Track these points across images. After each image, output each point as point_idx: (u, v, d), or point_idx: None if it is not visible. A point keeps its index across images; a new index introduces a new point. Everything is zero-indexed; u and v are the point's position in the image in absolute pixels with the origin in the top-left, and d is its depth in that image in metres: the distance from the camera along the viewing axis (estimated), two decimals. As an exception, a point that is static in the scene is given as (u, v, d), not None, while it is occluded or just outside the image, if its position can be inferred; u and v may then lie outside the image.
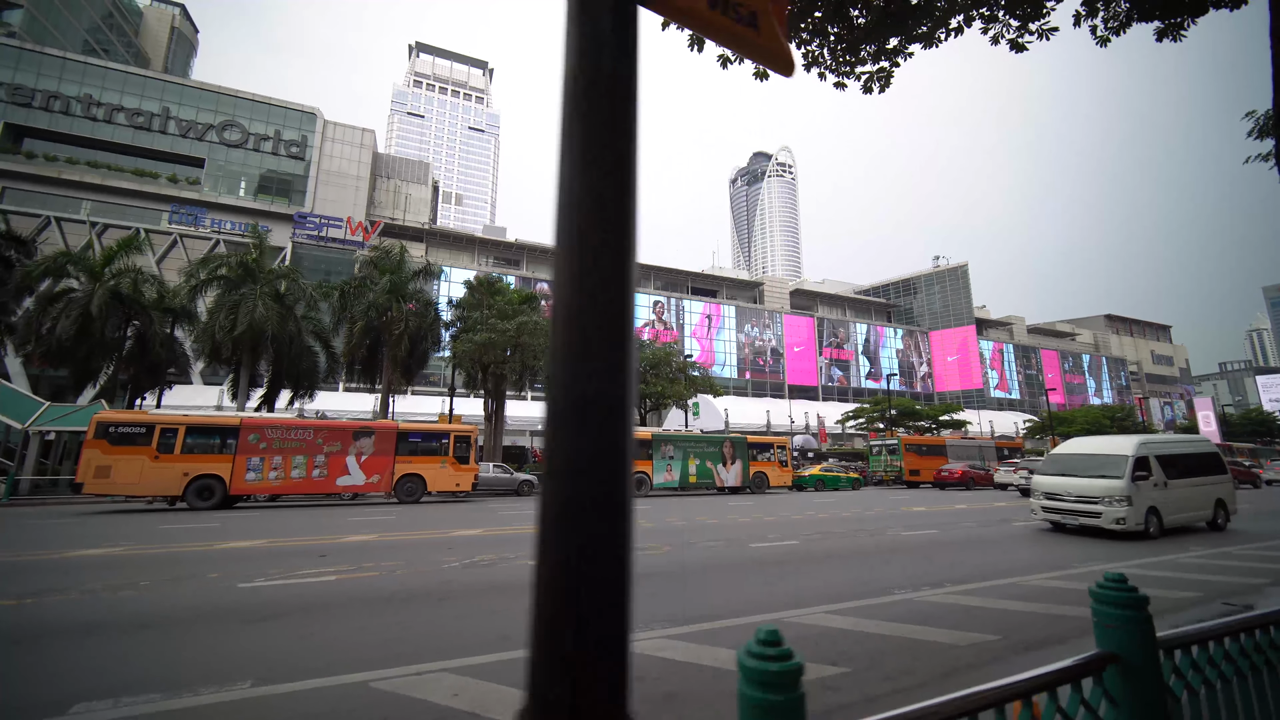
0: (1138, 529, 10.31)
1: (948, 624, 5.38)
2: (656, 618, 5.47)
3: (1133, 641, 1.79)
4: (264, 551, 8.71)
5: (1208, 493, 11.90)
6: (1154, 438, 11.86)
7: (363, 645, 4.64)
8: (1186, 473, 11.60)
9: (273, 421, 17.11)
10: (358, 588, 6.44)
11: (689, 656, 4.46)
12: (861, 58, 7.39)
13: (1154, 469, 10.87)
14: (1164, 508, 10.78)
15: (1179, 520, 11.18)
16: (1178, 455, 11.81)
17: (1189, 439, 13.27)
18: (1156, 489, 10.81)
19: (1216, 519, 11.91)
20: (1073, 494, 11.06)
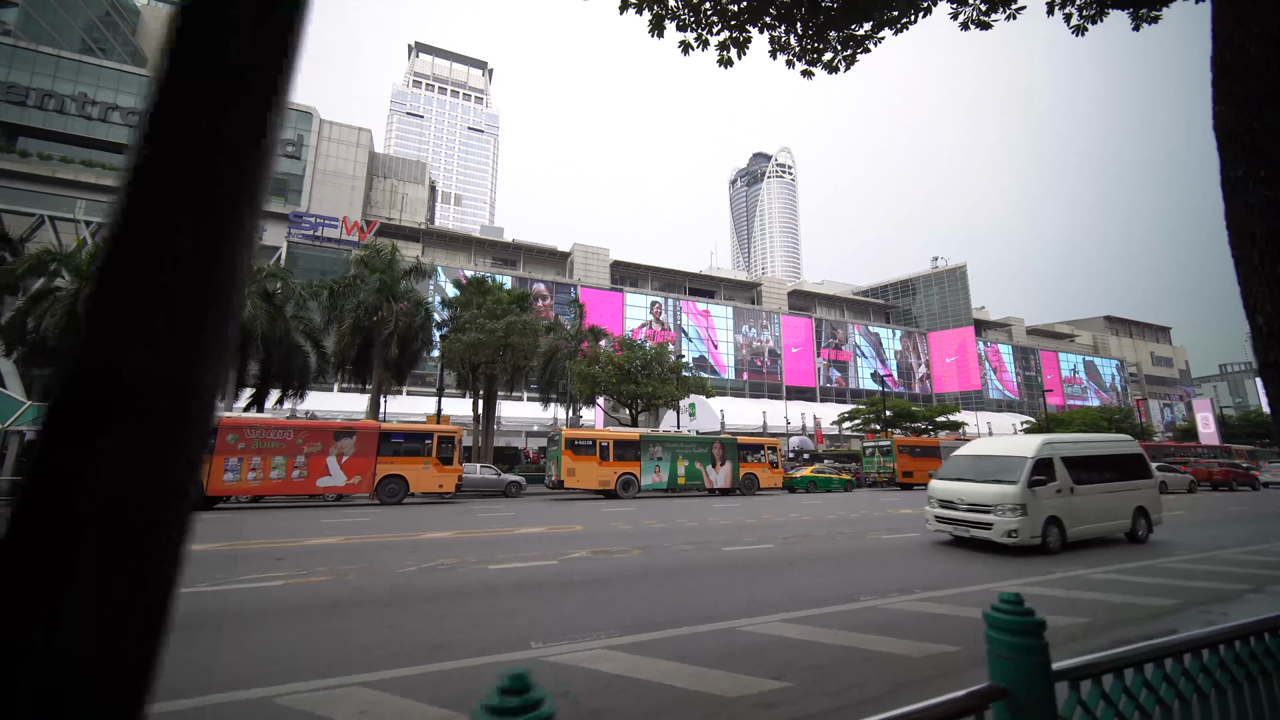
0: (1033, 542, 9.01)
1: (911, 633, 5.15)
2: (604, 625, 5.26)
3: (1022, 674, 1.57)
4: (220, 555, 8.49)
5: (1126, 500, 10.53)
6: (1062, 437, 10.61)
7: (285, 656, 4.42)
8: (1101, 477, 10.38)
9: (252, 421, 16.90)
10: (302, 594, 6.23)
11: (625, 669, 4.23)
12: (831, 44, 7.18)
13: (1058, 473, 9.60)
14: (1069, 517, 9.49)
15: (1088, 532, 9.87)
16: (1090, 457, 10.52)
17: (1106, 438, 11.80)
18: (1060, 496, 9.50)
19: (1136, 530, 10.54)
20: (965, 501, 9.66)
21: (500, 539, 10.38)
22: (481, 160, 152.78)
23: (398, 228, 59.40)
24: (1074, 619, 5.65)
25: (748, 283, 76.49)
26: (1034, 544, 9.03)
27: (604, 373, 26.96)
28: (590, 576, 7.29)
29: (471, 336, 24.96)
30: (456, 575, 7.22)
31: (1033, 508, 9.08)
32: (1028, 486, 9.14)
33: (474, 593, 6.38)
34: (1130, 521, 10.48)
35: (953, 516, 9.86)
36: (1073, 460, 9.98)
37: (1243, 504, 19.73)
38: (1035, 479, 9.26)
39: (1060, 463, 9.71)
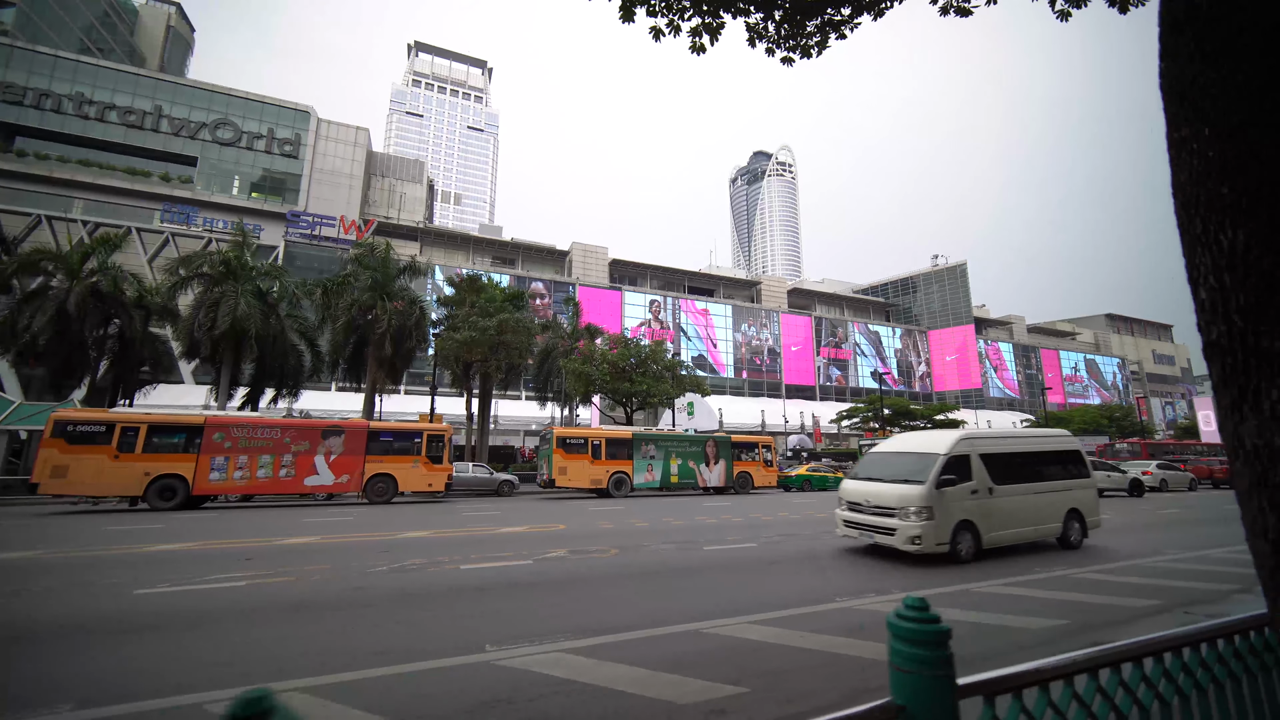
0: (939, 549, 7.94)
1: (881, 636, 4.99)
2: (566, 628, 5.10)
3: (923, 688, 1.40)
4: (189, 555, 8.36)
5: (1056, 502, 9.47)
6: (982, 432, 9.71)
7: (225, 660, 4.27)
8: (1028, 476, 9.33)
9: (239, 420, 16.79)
10: (260, 595, 6.08)
11: (576, 673, 4.08)
12: (809, 31, 7.01)
13: (975, 472, 8.55)
14: (986, 521, 8.45)
15: (1010, 538, 8.78)
16: (1016, 455, 9.45)
17: (1037, 434, 10.81)
18: (975, 498, 8.44)
19: (1068, 535, 9.50)
20: (871, 503, 8.64)
21: (480, 538, 10.23)
22: (481, 160, 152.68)
23: (396, 227, 59.29)
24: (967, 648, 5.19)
25: (747, 281, 76.28)
26: (940, 551, 7.98)
27: (598, 371, 26.81)
28: (562, 577, 7.14)
29: (464, 335, 24.83)
30: (425, 576, 7.07)
31: (940, 511, 8.00)
32: (935, 487, 8.06)
33: (438, 594, 6.23)
34: (1061, 526, 9.45)
35: (859, 520, 8.82)
36: (994, 458, 8.96)
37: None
38: (945, 479, 8.18)
39: (979, 461, 8.67)
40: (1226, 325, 1.43)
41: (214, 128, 51.50)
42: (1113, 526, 12.41)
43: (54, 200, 45.21)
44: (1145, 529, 12.43)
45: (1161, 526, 12.84)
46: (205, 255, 26.99)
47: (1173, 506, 17.59)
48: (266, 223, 49.81)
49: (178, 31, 75.37)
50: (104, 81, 48.86)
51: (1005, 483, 8.88)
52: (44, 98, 46.68)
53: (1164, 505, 17.99)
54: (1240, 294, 1.38)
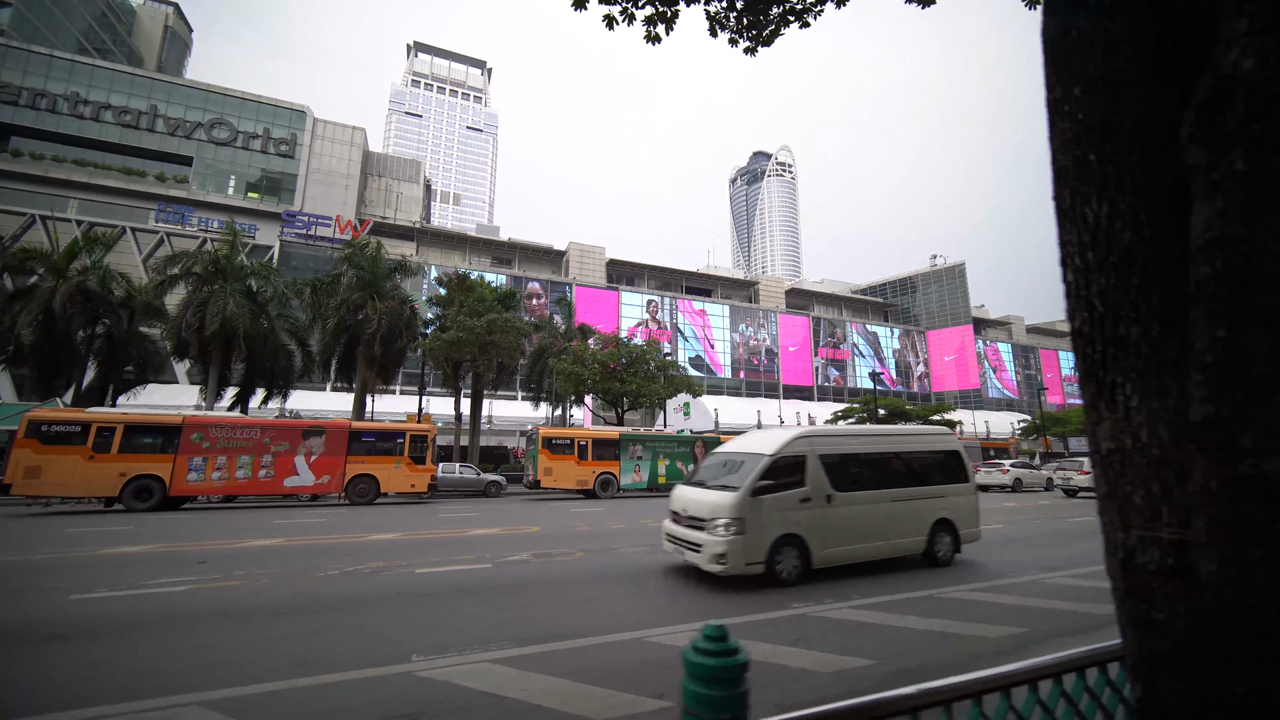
0: (750, 569, 6.63)
1: (833, 646, 4.81)
2: (506, 635, 4.95)
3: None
4: (144, 558, 8.21)
5: (920, 511, 8.06)
6: (828, 429, 8.40)
7: (140, 670, 4.13)
8: (885, 481, 7.96)
9: (217, 420, 16.65)
10: (197, 600, 5.93)
11: (498, 685, 3.92)
12: (770, 17, 6.85)
13: (811, 476, 7.21)
14: (821, 534, 7.10)
15: (853, 554, 7.36)
16: (869, 456, 8.04)
17: (901, 431, 9.37)
18: (807, 507, 7.08)
19: (935, 549, 8.04)
20: (688, 513, 7.28)
21: (447, 541, 10.07)
22: (480, 160, 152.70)
23: (392, 226, 59.21)
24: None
25: (745, 281, 76.11)
26: (752, 572, 6.68)
27: (589, 371, 26.66)
28: (519, 581, 6.98)
29: (452, 334, 24.70)
30: (377, 580, 6.92)
31: (754, 523, 6.69)
32: (751, 495, 6.76)
33: (383, 600, 6.07)
34: (926, 539, 8.01)
35: (676, 533, 7.40)
36: (841, 460, 7.62)
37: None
38: (764, 485, 6.89)
39: (817, 462, 7.33)
40: (1088, 311, 1.26)
41: (209, 127, 51.45)
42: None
43: (49, 200, 45.17)
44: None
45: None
46: (194, 254, 26.87)
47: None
48: (262, 222, 49.78)
49: (175, 32, 75.42)
50: (99, 81, 48.84)
51: (852, 489, 7.54)
52: (39, 97, 46.65)
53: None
54: (1101, 274, 1.21)
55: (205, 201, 48.44)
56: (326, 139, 56.61)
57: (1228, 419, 0.92)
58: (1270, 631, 0.86)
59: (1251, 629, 0.87)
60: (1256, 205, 0.91)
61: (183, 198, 48.26)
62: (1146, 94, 1.14)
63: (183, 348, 25.66)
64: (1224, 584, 0.91)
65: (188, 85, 52.42)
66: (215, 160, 51.38)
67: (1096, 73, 1.21)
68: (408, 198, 65.83)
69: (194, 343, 24.99)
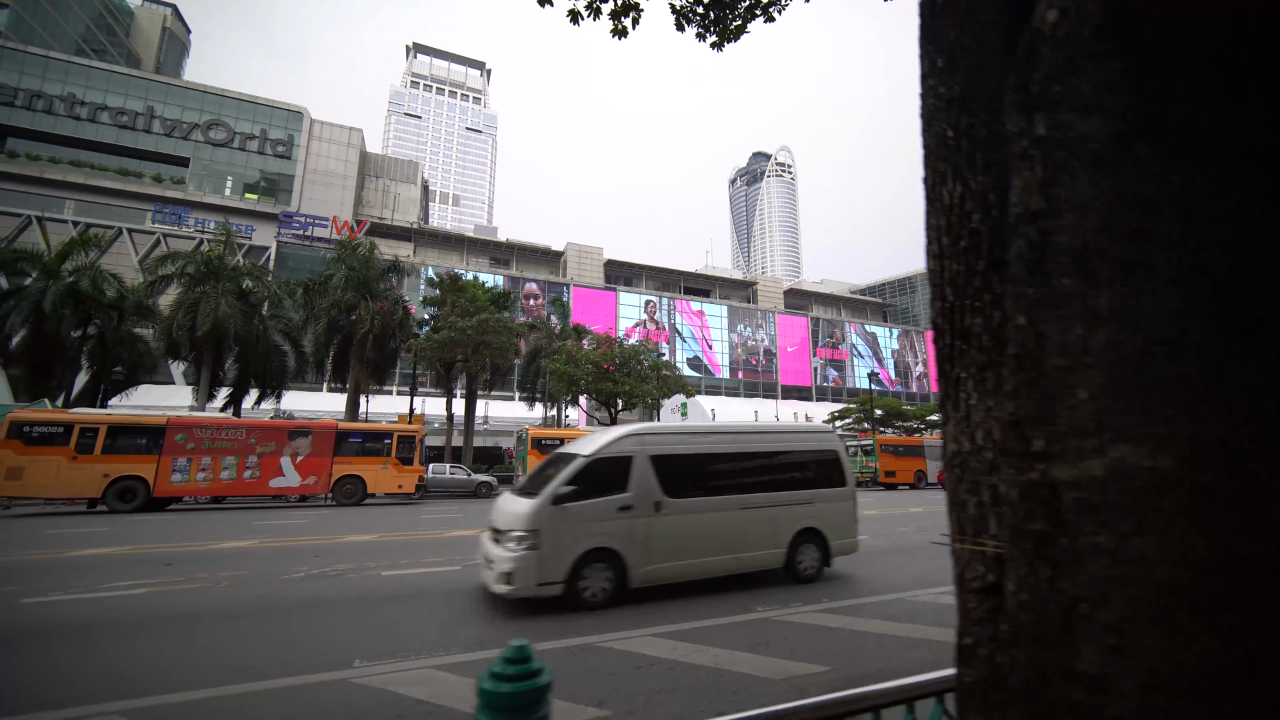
0: (544, 591, 5.63)
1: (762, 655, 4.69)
2: (457, 640, 4.83)
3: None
4: (111, 560, 8.12)
5: (780, 519, 7.05)
6: (668, 425, 7.55)
7: (69, 678, 4.02)
8: (736, 486, 6.96)
9: (202, 421, 16.57)
10: (151, 604, 5.84)
11: (436, 694, 3.81)
12: (736, 12, 6.77)
13: (637, 480, 6.24)
14: (641, 549, 6.10)
15: (686, 570, 6.37)
16: (718, 457, 7.08)
17: (760, 429, 8.55)
18: (627, 516, 6.10)
19: (796, 562, 7.05)
20: (496, 525, 6.26)
21: (423, 542, 9.98)
22: (479, 161, 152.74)
23: (389, 227, 59.21)
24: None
25: (743, 282, 76.02)
26: (548, 594, 5.67)
27: (581, 371, 26.56)
28: (481, 583, 6.86)
29: (443, 335, 24.61)
30: (341, 583, 6.82)
31: (553, 536, 5.72)
32: (552, 503, 5.81)
33: (341, 602, 5.97)
34: (786, 551, 7.01)
35: (486, 550, 6.30)
36: (678, 461, 6.66)
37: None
38: (570, 490, 5.93)
39: (647, 464, 6.35)
40: (940, 300, 1.15)
41: (206, 128, 51.45)
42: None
43: (45, 201, 45.19)
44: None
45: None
46: (185, 255, 26.82)
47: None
48: (259, 223, 49.75)
49: (173, 33, 75.49)
50: (96, 82, 48.85)
51: (692, 494, 6.57)
52: (35, 98, 46.67)
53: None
54: (952, 261, 1.10)
55: (202, 202, 48.42)
56: (323, 140, 56.59)
57: (1024, 419, 0.81)
58: (1050, 674, 0.75)
59: (1039, 666, 0.76)
60: (1053, 174, 0.80)
61: (179, 199, 48.25)
62: (1005, 63, 1.04)
63: (174, 348, 25.61)
64: (1018, 607, 0.80)
65: (184, 86, 52.44)
66: (212, 161, 51.37)
67: (957, 41, 1.11)
68: (405, 198, 65.81)
69: (185, 343, 24.94)
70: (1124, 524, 0.72)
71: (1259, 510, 0.70)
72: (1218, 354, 0.72)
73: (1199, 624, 0.68)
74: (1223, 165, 0.74)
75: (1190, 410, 0.71)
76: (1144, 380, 0.73)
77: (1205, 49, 0.76)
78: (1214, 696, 0.68)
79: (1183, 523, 0.70)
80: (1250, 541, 0.69)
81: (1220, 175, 0.73)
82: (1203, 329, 0.72)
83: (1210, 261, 0.72)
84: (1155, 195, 0.75)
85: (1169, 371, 0.72)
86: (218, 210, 48.20)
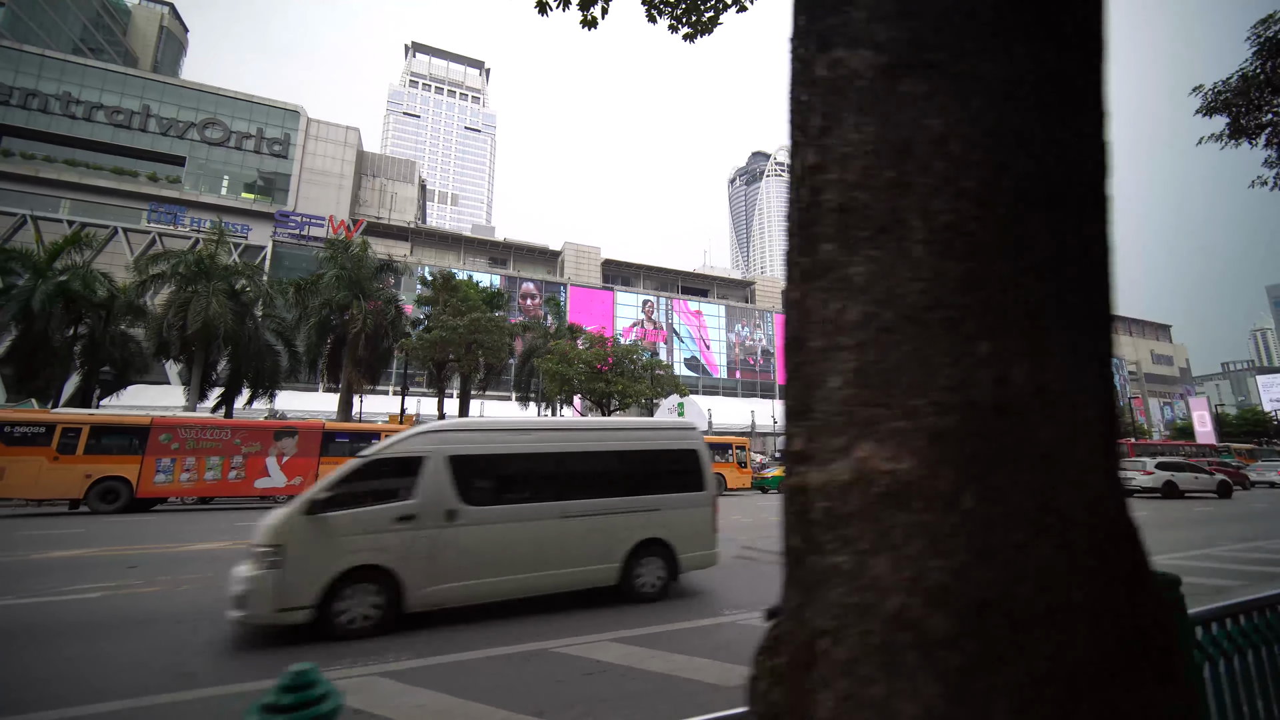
0: (284, 618, 4.77)
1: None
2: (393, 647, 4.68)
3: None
4: (74, 562, 8.00)
5: (613, 529, 6.11)
6: (476, 421, 6.51)
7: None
8: (561, 490, 6.08)
9: (186, 421, 16.46)
10: (108, 608, 5.73)
11: (371, 703, 3.67)
12: (710, 4, 6.65)
13: (428, 485, 5.37)
14: (422, 567, 5.20)
15: (489, 590, 5.48)
16: (537, 457, 6.16)
17: (599, 424, 7.64)
18: (405, 528, 5.21)
19: (634, 577, 6.11)
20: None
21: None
22: (478, 160, 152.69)
23: (386, 227, 59.15)
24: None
25: (741, 281, 75.92)
26: (290, 621, 4.78)
27: (574, 370, 26.46)
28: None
29: (435, 334, 24.50)
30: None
31: (302, 552, 4.87)
32: (305, 512, 4.98)
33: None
34: (621, 566, 6.05)
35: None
36: (485, 462, 5.87)
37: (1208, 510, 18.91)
38: (332, 496, 5.11)
39: (444, 467, 5.48)
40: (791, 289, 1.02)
41: (202, 127, 51.39)
42: None
43: (40, 200, 45.15)
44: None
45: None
46: (176, 254, 26.72)
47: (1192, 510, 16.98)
48: (255, 223, 49.71)
49: (171, 32, 75.45)
50: (91, 81, 48.80)
51: (500, 501, 5.75)
52: (31, 97, 46.63)
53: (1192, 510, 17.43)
54: (790, 237, 0.98)
55: (198, 201, 48.37)
56: (320, 139, 56.54)
57: (790, 412, 0.68)
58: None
59: (796, 712, 0.63)
60: (828, 122, 0.67)
61: (175, 198, 48.21)
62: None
63: (164, 348, 25.51)
64: (779, 639, 0.67)
65: (180, 85, 52.39)
66: (208, 160, 51.31)
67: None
68: (402, 198, 65.74)
69: (175, 343, 24.84)
70: (863, 541, 0.61)
71: (999, 527, 0.58)
72: (969, 331, 0.60)
73: (926, 667, 0.56)
74: (987, 100, 0.62)
75: (934, 401, 0.60)
76: (890, 364, 0.62)
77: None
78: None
79: (919, 541, 0.58)
80: (988, 568, 0.57)
81: (985, 110, 0.62)
82: (955, 299, 0.61)
83: (966, 217, 0.61)
84: (915, 138, 0.62)
85: (916, 353, 0.61)
86: (214, 210, 48.11)
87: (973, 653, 0.56)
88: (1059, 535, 0.58)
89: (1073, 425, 0.61)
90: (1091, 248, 0.66)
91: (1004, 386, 0.60)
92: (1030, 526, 0.58)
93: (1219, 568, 7.92)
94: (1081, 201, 0.65)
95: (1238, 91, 7.50)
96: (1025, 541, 0.58)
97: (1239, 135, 7.75)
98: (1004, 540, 0.58)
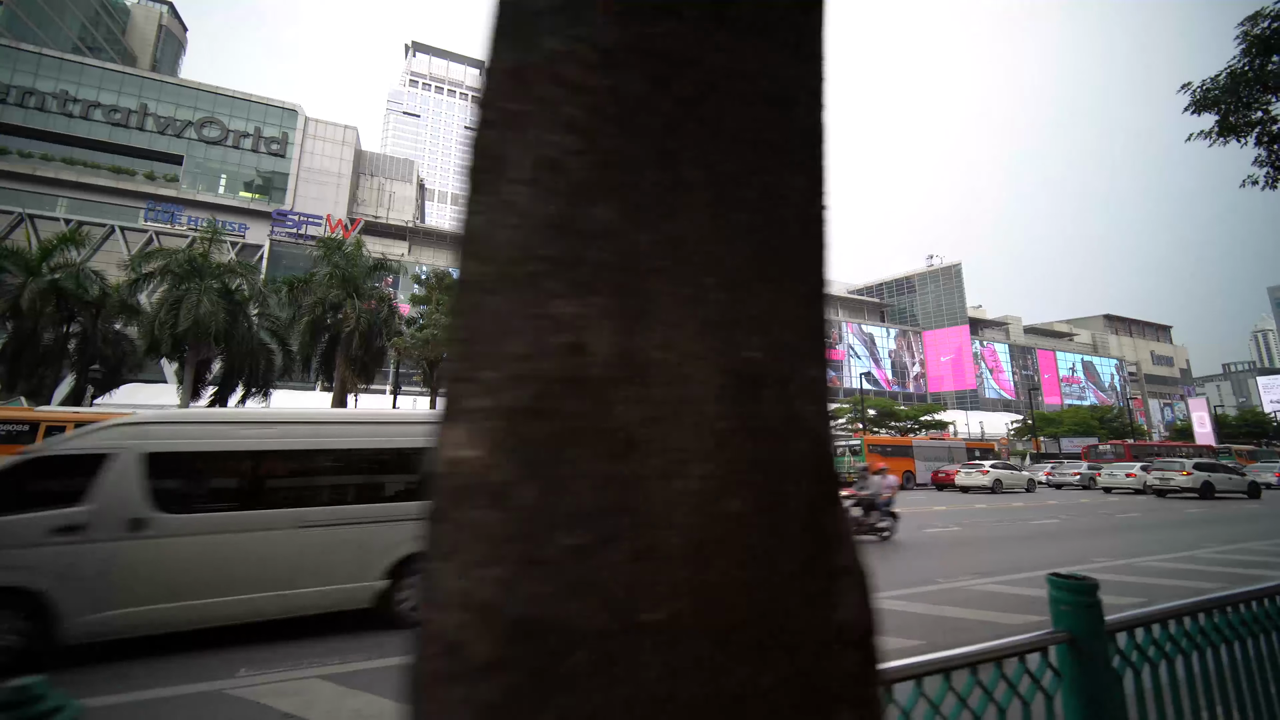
0: None
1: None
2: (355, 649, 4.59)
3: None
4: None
5: (368, 541, 5.14)
6: (187, 413, 5.75)
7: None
8: (301, 495, 5.25)
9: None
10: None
11: (300, 707, 3.58)
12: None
13: (111, 487, 4.45)
14: (89, 589, 4.27)
15: (197, 615, 4.57)
16: (267, 453, 5.16)
17: (352, 417, 6.63)
18: (69, 541, 4.29)
19: (400, 600, 5.13)
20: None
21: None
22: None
23: (384, 226, 59.14)
24: None
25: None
26: None
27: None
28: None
29: (426, 333, 24.45)
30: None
31: None
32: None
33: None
34: (382, 584, 5.10)
35: None
36: (200, 459, 4.97)
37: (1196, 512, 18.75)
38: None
39: (135, 465, 4.54)
40: None
41: (200, 126, 51.42)
42: None
43: (37, 199, 45.19)
44: None
45: None
46: (168, 252, 26.68)
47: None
48: (253, 222, 49.71)
49: (170, 30, 75.52)
50: (89, 79, 48.84)
51: (210, 508, 4.84)
52: (28, 95, 46.68)
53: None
54: None
55: (195, 200, 48.40)
56: (318, 138, 56.55)
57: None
58: None
59: None
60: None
61: (172, 196, 48.24)
62: None
63: (156, 346, 25.48)
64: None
65: (178, 84, 52.43)
66: (206, 159, 51.34)
67: None
68: (401, 197, 65.75)
69: (166, 341, 24.79)
70: (441, 545, 0.50)
71: (560, 529, 0.46)
72: (549, 289, 0.51)
73: (467, 701, 0.45)
74: None
75: (510, 374, 0.50)
76: (482, 332, 0.53)
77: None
78: None
79: (479, 546, 0.48)
80: (539, 579, 0.46)
81: None
82: (543, 250, 0.52)
83: (566, 152, 0.55)
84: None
85: (497, 317, 0.52)
86: (211, 208, 48.11)
87: (510, 685, 0.43)
88: (632, 540, 0.46)
89: (674, 403, 0.48)
90: (739, 182, 0.56)
91: (579, 355, 0.49)
92: (594, 528, 0.46)
93: (1199, 569, 7.81)
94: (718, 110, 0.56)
95: (1226, 89, 7.39)
96: (585, 546, 0.45)
97: (1228, 133, 7.64)
98: (562, 545, 0.46)
